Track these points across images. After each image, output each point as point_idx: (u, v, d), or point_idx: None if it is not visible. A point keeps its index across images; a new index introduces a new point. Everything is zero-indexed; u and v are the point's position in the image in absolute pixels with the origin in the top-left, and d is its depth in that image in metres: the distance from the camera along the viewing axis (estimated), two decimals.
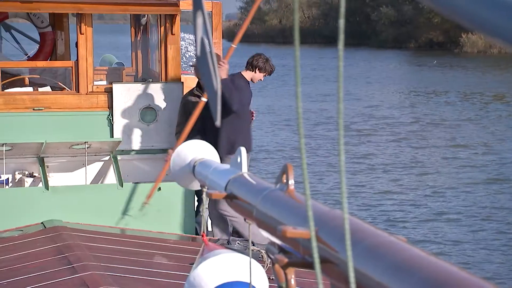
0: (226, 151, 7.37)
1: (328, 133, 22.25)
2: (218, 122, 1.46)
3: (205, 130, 7.83)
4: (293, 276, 1.67)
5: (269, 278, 2.27)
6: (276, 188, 2.07)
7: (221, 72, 7.39)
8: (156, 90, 7.98)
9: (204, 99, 7.39)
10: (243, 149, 2.48)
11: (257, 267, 2.12)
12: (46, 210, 7.17)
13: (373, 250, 1.13)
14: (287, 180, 2.02)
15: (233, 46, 7.56)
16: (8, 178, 7.62)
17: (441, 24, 64.67)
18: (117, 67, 10.26)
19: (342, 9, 0.86)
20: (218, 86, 1.39)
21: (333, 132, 22.44)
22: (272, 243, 1.96)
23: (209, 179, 2.65)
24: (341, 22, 0.86)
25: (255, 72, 8.81)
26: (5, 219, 7.03)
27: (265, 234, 2.05)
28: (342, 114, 0.86)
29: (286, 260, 1.61)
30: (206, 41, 1.42)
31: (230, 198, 2.35)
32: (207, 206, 8.15)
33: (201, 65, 1.46)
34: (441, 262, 1.11)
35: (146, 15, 8.88)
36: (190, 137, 8.08)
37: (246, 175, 2.36)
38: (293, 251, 1.71)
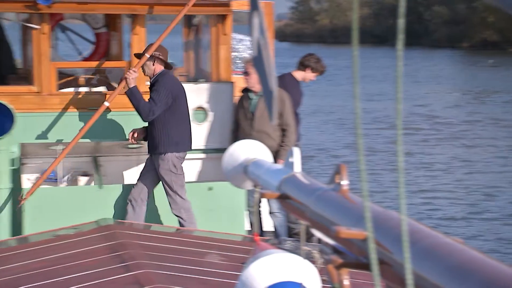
0: (155, 149, 7.35)
1: (377, 132, 22.09)
2: (274, 121, 1.46)
3: (238, 128, 7.87)
4: (347, 276, 1.66)
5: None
6: (329, 188, 2.06)
7: (130, 81, 7.29)
8: (208, 90, 8.02)
9: None
10: (296, 149, 2.48)
11: (310, 267, 2.12)
12: (100, 208, 7.27)
13: (430, 252, 1.12)
14: (341, 180, 2.02)
15: (146, 55, 7.42)
16: (63, 177, 7.74)
17: (495, 23, 63.64)
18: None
19: (402, 9, 0.85)
20: (274, 86, 1.40)
21: (383, 131, 22.27)
22: (325, 244, 1.95)
23: (262, 179, 2.66)
24: (401, 22, 0.85)
25: (307, 72, 8.79)
26: (60, 217, 7.15)
27: (318, 234, 2.04)
28: (400, 114, 0.85)
29: (340, 260, 1.61)
30: (262, 41, 1.42)
31: (283, 198, 2.35)
32: (259, 206, 8.16)
33: (257, 65, 1.46)
34: (499, 264, 1.10)
35: (198, 16, 8.94)
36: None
37: (299, 175, 2.36)
38: (347, 251, 1.71)
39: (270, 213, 8.11)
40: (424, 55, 57.68)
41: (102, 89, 8.28)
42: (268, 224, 8.27)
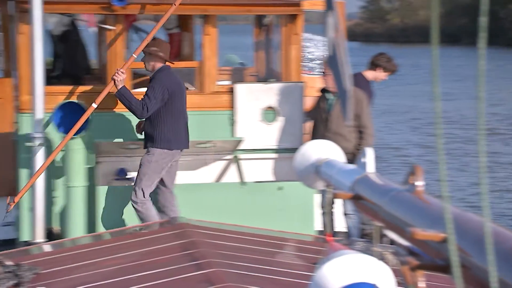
0: (148, 145, 7.29)
1: (452, 133, 21.73)
2: (349, 121, 1.46)
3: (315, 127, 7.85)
4: (422, 278, 1.64)
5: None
6: (404, 189, 2.04)
7: (117, 82, 7.22)
8: (278, 90, 8.03)
9: None
10: (369, 150, 2.46)
11: (384, 268, 2.10)
12: None
13: None
14: (415, 181, 1.99)
15: (134, 56, 7.39)
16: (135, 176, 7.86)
17: None
18: (239, 67, 10.40)
19: (485, 7, 0.83)
20: (348, 85, 1.39)
21: (457, 131, 21.89)
22: (399, 245, 1.93)
23: (334, 179, 2.65)
24: (483, 20, 0.83)
25: (378, 71, 8.72)
26: (132, 215, 7.27)
27: (391, 235, 2.02)
28: (483, 114, 0.84)
29: (415, 262, 1.58)
30: (337, 41, 1.42)
31: (356, 198, 2.34)
32: (332, 206, 8.12)
33: (332, 65, 1.46)
34: None
35: (269, 16, 8.95)
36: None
37: (372, 175, 2.34)
38: (423, 253, 1.68)
39: (345, 214, 8.06)
40: (500, 54, 56.44)
41: None
42: (339, 225, 8.23)
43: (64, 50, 9.13)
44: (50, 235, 7.47)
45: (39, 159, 7.24)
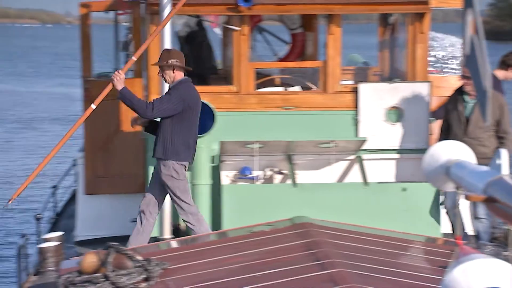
0: (158, 154, 7.13)
1: None
2: (488, 121, 1.42)
3: (448, 129, 7.65)
4: None
5: None
6: None
7: (116, 83, 7.03)
8: (403, 90, 7.91)
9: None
10: (504, 151, 2.39)
11: None
12: (293, 206, 7.39)
13: None
14: None
15: (134, 59, 7.19)
16: (258, 175, 7.95)
17: None
18: (363, 66, 10.33)
19: None
20: (488, 85, 1.35)
21: None
22: None
23: (465, 181, 2.58)
24: None
25: (510, 71, 8.46)
26: (256, 213, 7.35)
27: None
28: None
29: None
30: (476, 40, 1.38)
31: (489, 200, 2.27)
32: (461, 208, 7.92)
33: (470, 64, 1.42)
34: None
35: (394, 14, 8.84)
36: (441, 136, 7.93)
37: (507, 178, 2.27)
38: None
39: (475, 218, 7.83)
40: None
41: (297, 88, 8.41)
42: (467, 227, 8.02)
43: (190, 51, 9.34)
44: (177, 232, 7.66)
45: None
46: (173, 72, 7.17)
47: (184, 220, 7.26)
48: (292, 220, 6.05)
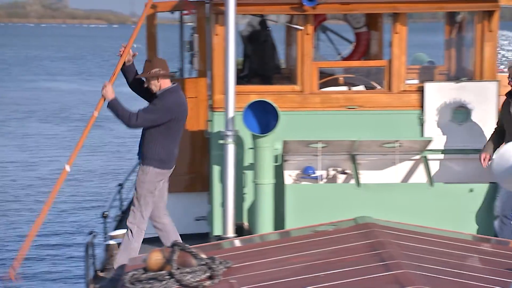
0: (140, 158, 7.15)
1: None
2: None
3: (502, 132, 7.47)
4: None
5: None
6: None
7: (106, 94, 7.05)
8: (470, 89, 7.79)
9: None
10: None
11: None
12: (357, 206, 7.35)
13: None
14: None
15: (95, 114, 7.17)
16: (322, 174, 7.93)
17: None
18: (428, 65, 10.20)
19: None
20: None
21: None
22: None
23: None
24: None
25: None
26: (318, 213, 7.33)
27: None
28: None
29: None
30: None
31: None
32: None
33: None
34: None
35: (461, 13, 8.70)
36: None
37: None
38: None
39: None
40: None
41: (361, 88, 8.36)
42: None
43: (254, 50, 9.37)
44: (240, 231, 7.69)
45: (230, 156, 7.47)
46: (158, 81, 7.15)
47: (127, 226, 7.28)
48: (356, 220, 6.01)
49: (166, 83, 7.20)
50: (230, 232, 7.50)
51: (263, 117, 7.55)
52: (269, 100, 7.62)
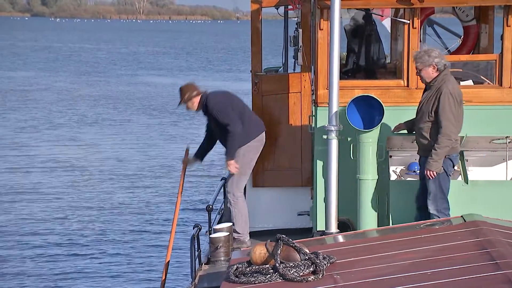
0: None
1: None
2: None
3: None
4: None
5: None
6: None
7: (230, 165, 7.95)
8: None
9: None
10: None
11: None
12: (465, 203, 7.17)
13: None
14: None
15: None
16: None
17: None
18: None
19: None
20: None
21: None
22: None
23: None
24: None
25: None
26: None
27: None
28: None
29: None
30: None
31: None
32: None
33: None
34: None
35: None
36: None
37: None
38: None
39: None
40: None
41: (469, 82, 8.15)
42: None
43: (358, 45, 9.26)
44: (343, 226, 7.64)
45: (334, 151, 7.42)
46: (192, 102, 8.05)
47: (225, 195, 8.24)
48: (464, 217, 5.87)
49: (198, 99, 8.05)
50: (333, 228, 7.44)
51: (367, 112, 7.46)
52: (373, 94, 7.52)
